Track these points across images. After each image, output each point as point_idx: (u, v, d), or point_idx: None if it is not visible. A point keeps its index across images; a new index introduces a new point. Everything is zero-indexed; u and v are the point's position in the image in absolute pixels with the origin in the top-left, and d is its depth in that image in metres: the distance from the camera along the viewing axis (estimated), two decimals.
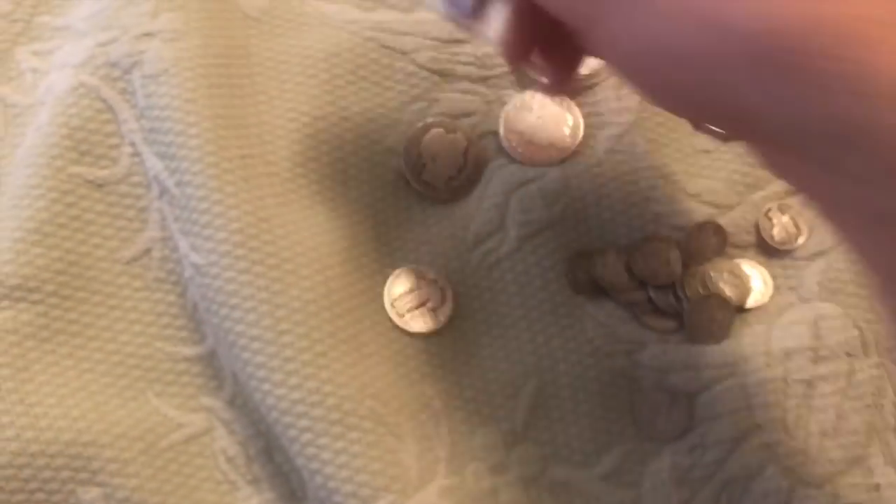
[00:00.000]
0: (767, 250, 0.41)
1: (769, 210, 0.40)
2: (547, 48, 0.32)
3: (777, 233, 0.40)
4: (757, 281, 0.40)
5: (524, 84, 0.42)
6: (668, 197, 0.40)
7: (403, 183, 0.41)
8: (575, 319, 0.40)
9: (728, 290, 0.39)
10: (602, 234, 0.40)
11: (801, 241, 0.40)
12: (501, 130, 0.41)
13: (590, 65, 0.40)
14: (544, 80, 0.34)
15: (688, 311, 0.39)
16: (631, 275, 0.39)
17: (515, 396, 0.38)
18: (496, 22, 0.32)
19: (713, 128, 0.30)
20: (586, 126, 0.41)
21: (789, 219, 0.40)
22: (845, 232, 0.25)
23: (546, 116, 0.41)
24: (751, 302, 0.40)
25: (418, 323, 0.39)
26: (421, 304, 0.39)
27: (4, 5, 0.44)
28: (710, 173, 0.41)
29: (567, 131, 0.41)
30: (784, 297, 0.40)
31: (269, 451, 0.38)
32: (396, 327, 0.39)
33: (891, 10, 0.21)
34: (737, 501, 0.38)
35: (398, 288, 0.39)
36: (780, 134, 0.23)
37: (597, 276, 0.39)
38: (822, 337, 0.39)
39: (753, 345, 0.39)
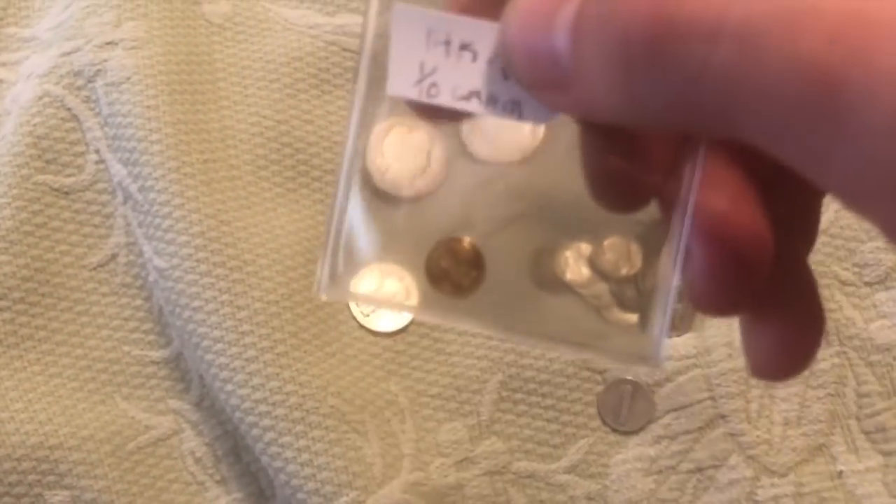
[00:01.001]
0: None
1: None
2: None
3: None
4: None
5: None
6: None
7: (366, 182, 0.41)
8: (539, 314, 0.40)
9: None
10: (564, 231, 0.41)
11: None
12: (464, 130, 0.42)
13: None
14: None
15: (648, 305, 0.39)
16: (592, 270, 0.40)
17: (480, 391, 0.39)
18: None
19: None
20: (547, 124, 0.42)
21: None
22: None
23: None
24: None
25: (383, 321, 0.39)
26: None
27: None
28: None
29: (529, 130, 0.41)
30: None
31: (236, 451, 0.38)
32: (361, 326, 0.39)
33: None
34: (702, 491, 0.38)
35: (364, 287, 0.40)
36: None
37: (559, 271, 0.40)
38: None
39: (716, 336, 0.39)
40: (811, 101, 0.15)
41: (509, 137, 0.42)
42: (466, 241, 0.36)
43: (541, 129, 0.42)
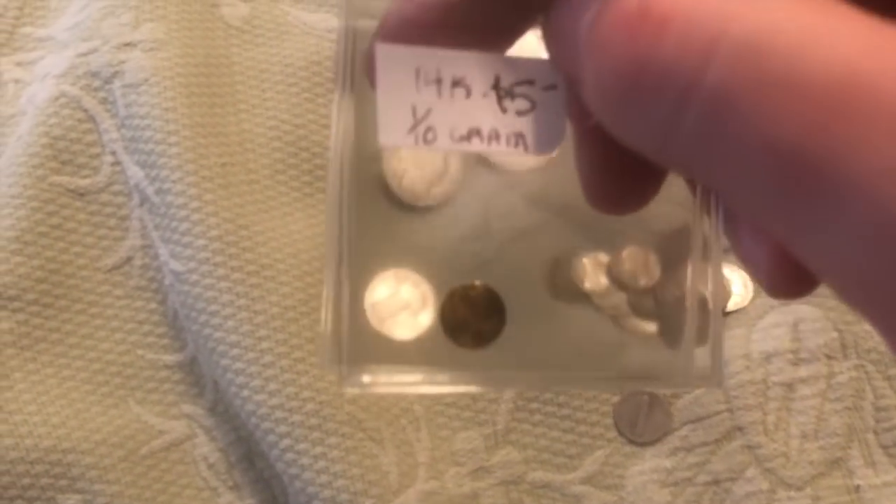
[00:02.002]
0: None
1: None
2: None
3: None
4: (737, 285, 0.40)
5: None
6: None
7: (384, 189, 0.41)
8: (556, 324, 0.40)
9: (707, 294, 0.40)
10: (581, 239, 0.40)
11: None
12: None
13: None
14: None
15: (666, 315, 0.39)
16: (610, 279, 0.40)
17: (496, 401, 0.39)
18: None
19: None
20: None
21: None
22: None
23: None
24: (731, 306, 0.40)
25: (399, 328, 0.39)
26: (402, 310, 0.39)
27: None
28: None
29: None
30: (764, 301, 0.40)
31: (250, 458, 0.38)
32: (377, 334, 0.39)
33: None
34: (718, 503, 0.38)
35: (378, 293, 0.39)
36: None
37: (576, 280, 0.40)
38: (802, 340, 0.39)
39: (733, 348, 0.39)
40: (787, 187, 0.13)
41: None
42: (479, 284, 0.35)
43: None
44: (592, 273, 0.39)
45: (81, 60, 0.40)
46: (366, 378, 0.24)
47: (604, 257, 0.40)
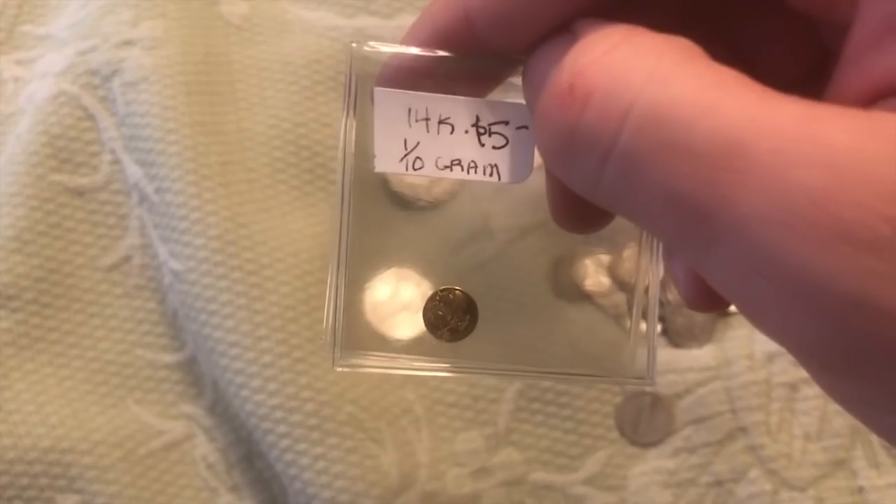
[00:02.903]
0: None
1: None
2: None
3: None
4: None
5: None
6: None
7: (385, 189, 0.41)
8: (558, 323, 0.40)
9: None
10: (584, 239, 0.40)
11: None
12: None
13: None
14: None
15: (670, 315, 0.39)
16: (613, 279, 0.39)
17: (498, 401, 0.38)
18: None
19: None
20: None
21: None
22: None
23: None
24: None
25: (400, 328, 0.39)
26: (402, 310, 0.39)
27: None
28: None
29: None
30: None
31: (249, 458, 0.38)
32: (377, 333, 0.39)
33: None
34: None
35: (380, 293, 0.39)
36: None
37: (579, 280, 0.39)
38: None
39: (736, 348, 0.39)
40: (687, 230, 0.17)
41: None
42: (458, 290, 0.37)
43: None
44: (594, 273, 0.39)
45: (81, 59, 0.40)
46: (355, 359, 0.28)
47: (605, 257, 0.40)
